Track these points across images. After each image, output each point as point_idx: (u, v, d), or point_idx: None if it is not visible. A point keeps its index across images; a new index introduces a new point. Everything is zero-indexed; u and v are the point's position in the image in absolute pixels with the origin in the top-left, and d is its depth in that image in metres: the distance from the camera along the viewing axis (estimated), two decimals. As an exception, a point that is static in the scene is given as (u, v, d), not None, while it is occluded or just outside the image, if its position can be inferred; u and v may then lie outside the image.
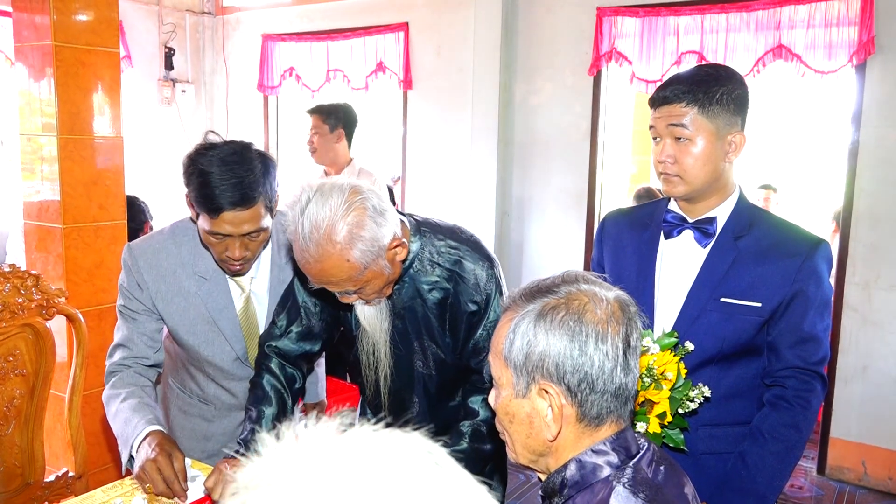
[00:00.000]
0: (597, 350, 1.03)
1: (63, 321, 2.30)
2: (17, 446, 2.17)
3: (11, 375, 2.14)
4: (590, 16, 4.55)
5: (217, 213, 1.70)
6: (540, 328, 1.04)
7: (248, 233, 1.75)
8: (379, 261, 1.53)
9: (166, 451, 1.72)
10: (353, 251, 1.48)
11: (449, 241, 1.71)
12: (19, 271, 2.14)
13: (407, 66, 5.30)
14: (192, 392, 2.09)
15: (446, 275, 1.69)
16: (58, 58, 2.80)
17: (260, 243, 1.83)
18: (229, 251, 1.78)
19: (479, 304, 1.70)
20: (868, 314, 3.92)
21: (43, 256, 2.95)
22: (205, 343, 1.97)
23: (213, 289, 1.94)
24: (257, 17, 6.14)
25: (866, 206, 3.88)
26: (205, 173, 1.69)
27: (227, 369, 2.01)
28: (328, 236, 1.46)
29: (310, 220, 1.47)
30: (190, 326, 1.95)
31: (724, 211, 1.71)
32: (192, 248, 1.94)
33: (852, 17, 3.80)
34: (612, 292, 1.09)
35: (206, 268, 1.94)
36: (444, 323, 1.73)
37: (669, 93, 1.63)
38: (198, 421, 2.09)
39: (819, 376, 1.66)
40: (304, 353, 1.87)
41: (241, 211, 1.71)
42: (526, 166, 4.96)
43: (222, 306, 1.95)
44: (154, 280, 1.92)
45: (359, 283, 1.55)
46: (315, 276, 1.54)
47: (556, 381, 1.04)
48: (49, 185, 2.89)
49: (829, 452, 4.10)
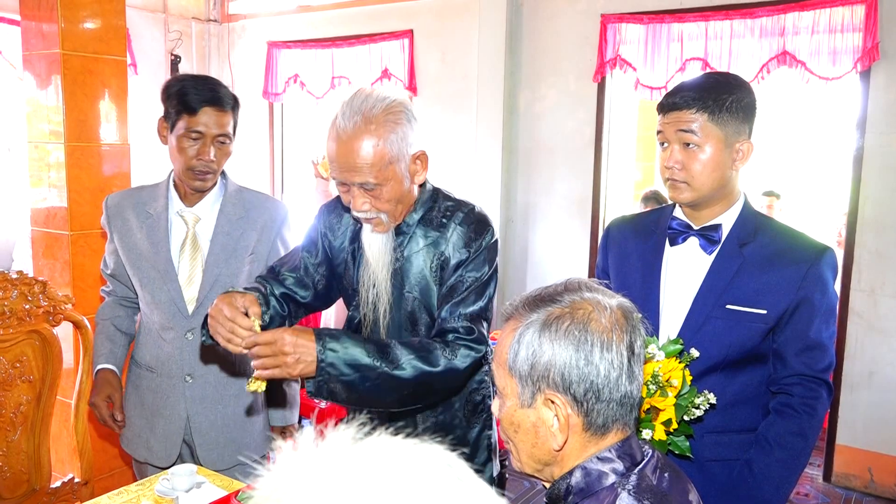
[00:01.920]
0: (602, 359, 1.03)
1: (70, 327, 2.31)
2: (24, 452, 2.17)
3: (18, 381, 2.14)
4: (594, 22, 4.56)
5: (195, 110, 2.00)
6: (545, 338, 1.04)
7: (219, 135, 2.04)
8: (402, 164, 1.63)
9: (104, 391, 2.16)
10: (386, 137, 1.58)
11: (457, 204, 1.78)
12: (26, 278, 2.15)
13: (411, 72, 5.31)
14: (142, 361, 2.21)
15: (448, 234, 1.74)
16: (65, 66, 2.82)
17: (224, 154, 2.09)
18: (201, 153, 2.04)
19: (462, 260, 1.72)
20: (874, 321, 3.91)
21: (50, 263, 2.97)
22: (146, 280, 2.14)
23: (154, 223, 2.15)
24: (263, 25, 6.17)
25: (872, 213, 3.88)
26: (184, 84, 2.04)
27: (166, 315, 2.13)
28: (370, 110, 1.58)
29: (360, 96, 1.61)
30: (136, 260, 2.15)
31: (730, 218, 1.71)
32: (151, 191, 2.21)
33: (856, 24, 3.80)
34: (615, 300, 1.09)
35: (155, 207, 2.17)
36: (438, 280, 1.76)
37: (679, 99, 1.63)
38: (146, 395, 2.18)
39: (825, 383, 1.66)
40: (292, 295, 1.87)
41: (215, 111, 2.02)
42: (530, 173, 4.96)
43: (159, 240, 2.13)
44: (114, 216, 2.20)
45: (379, 178, 1.60)
46: (343, 157, 1.60)
47: (563, 391, 1.03)
48: (56, 192, 2.91)
49: (836, 459, 4.09)
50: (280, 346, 1.53)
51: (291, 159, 6.34)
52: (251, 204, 2.19)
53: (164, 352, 2.14)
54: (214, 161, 2.06)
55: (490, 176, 4.93)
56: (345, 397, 1.60)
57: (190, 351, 2.13)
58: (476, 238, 1.73)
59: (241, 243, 2.14)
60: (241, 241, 2.14)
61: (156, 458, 2.16)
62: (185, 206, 2.16)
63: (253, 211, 2.18)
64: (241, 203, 2.18)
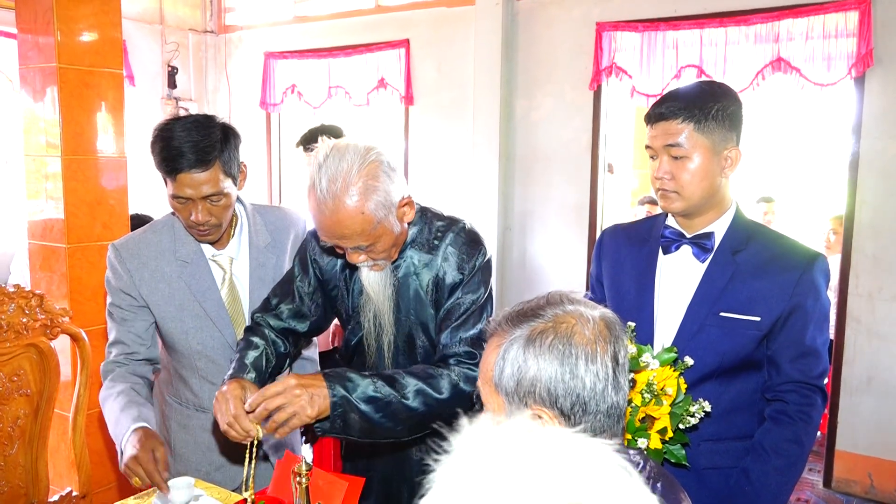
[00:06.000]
0: (587, 371, 1.03)
1: (67, 340, 2.31)
2: (21, 466, 2.17)
3: (16, 395, 2.14)
4: (589, 31, 4.58)
5: (174, 173, 1.81)
6: (530, 353, 1.04)
7: (207, 195, 1.85)
8: (390, 217, 1.59)
9: (147, 446, 1.77)
10: (369, 203, 1.54)
11: (448, 224, 1.77)
12: (23, 291, 2.15)
13: (408, 82, 5.33)
14: (188, 402, 2.10)
15: (440, 256, 1.74)
16: (62, 79, 2.83)
17: (223, 209, 1.90)
18: (193, 215, 1.87)
19: (457, 283, 1.73)
20: (872, 325, 3.92)
21: (47, 276, 2.97)
22: (193, 330, 2.00)
23: (195, 271, 2.00)
24: (259, 35, 6.19)
25: (868, 218, 3.89)
26: (165, 138, 1.82)
27: (219, 360, 2.02)
28: (345, 187, 1.52)
29: (328, 173, 1.53)
30: (176, 313, 1.99)
31: (722, 226, 1.72)
32: (171, 235, 2.02)
33: (850, 30, 3.81)
34: (597, 311, 1.09)
35: (186, 252, 2.01)
36: (434, 304, 1.76)
37: (665, 109, 1.65)
38: (199, 433, 2.10)
39: (820, 390, 1.66)
40: (290, 329, 1.89)
41: (197, 173, 1.81)
42: (527, 181, 4.97)
43: (206, 287, 2.00)
44: (137, 268, 1.99)
45: (370, 239, 1.59)
46: (329, 229, 1.57)
47: (549, 406, 1.04)
48: (53, 204, 2.91)
49: (836, 465, 4.08)
50: (291, 389, 1.55)
51: (289, 169, 6.34)
52: (273, 226, 2.13)
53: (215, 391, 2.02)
54: (211, 218, 1.89)
55: (487, 184, 4.95)
56: (358, 429, 1.62)
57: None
58: (469, 259, 1.73)
59: (277, 271, 2.08)
60: (276, 269, 2.09)
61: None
62: (215, 251, 2.05)
63: (277, 233, 2.13)
64: (265, 227, 2.11)
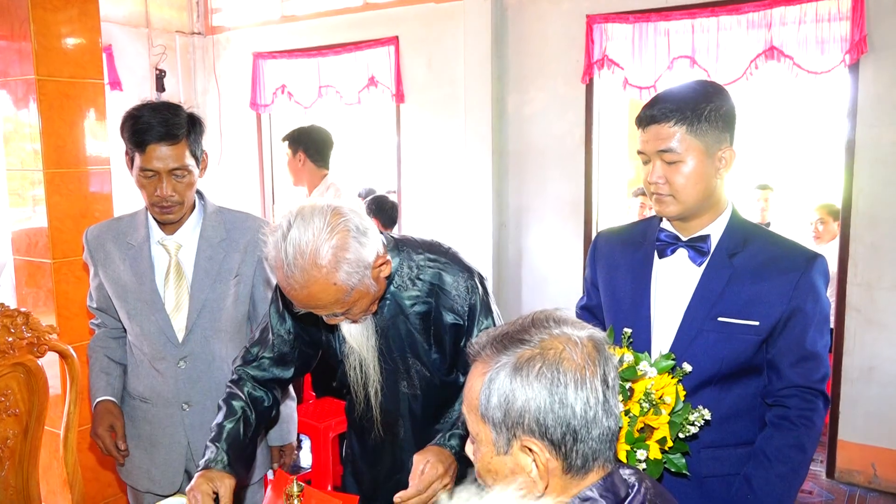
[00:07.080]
0: (577, 398, 0.99)
1: (56, 356, 2.28)
2: (13, 487, 2.14)
3: (4, 416, 2.11)
4: (580, 23, 4.53)
5: (144, 146, 1.94)
6: (517, 383, 1.00)
7: (173, 169, 1.97)
8: (365, 280, 1.52)
9: (106, 421, 2.13)
10: (339, 273, 1.46)
11: (427, 255, 1.70)
12: (8, 310, 2.12)
13: (398, 79, 5.28)
14: (135, 392, 2.18)
15: (427, 289, 1.68)
16: (41, 91, 2.77)
17: (187, 186, 2.02)
18: (158, 190, 1.98)
19: (461, 315, 1.68)
20: (871, 315, 3.89)
21: (33, 292, 2.93)
22: (133, 312, 2.11)
23: (137, 254, 2.12)
24: (247, 36, 6.13)
25: (865, 207, 3.85)
26: (135, 116, 1.96)
27: (156, 345, 2.10)
28: (313, 261, 1.44)
29: (293, 245, 1.45)
30: (121, 292, 2.12)
31: (718, 228, 1.68)
32: (131, 222, 2.17)
33: (843, 16, 3.77)
34: (584, 331, 1.05)
35: (135, 236, 2.13)
36: (430, 338, 1.72)
37: (657, 111, 1.60)
38: (143, 426, 2.16)
39: (821, 394, 1.63)
40: (275, 378, 1.87)
41: (166, 146, 1.94)
42: (522, 176, 4.93)
43: (142, 271, 2.10)
44: (96, 248, 2.16)
45: (346, 305, 1.53)
46: (302, 301, 1.51)
47: (539, 437, 1.00)
48: (37, 219, 2.87)
49: (838, 455, 4.06)
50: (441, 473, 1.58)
51: (280, 170, 6.29)
52: (232, 224, 2.16)
53: (157, 382, 2.12)
54: (175, 195, 2.01)
55: (481, 181, 4.90)
56: None
57: (184, 379, 2.11)
58: (468, 294, 1.68)
59: (224, 266, 2.11)
60: (224, 263, 2.11)
61: (158, 488, 2.15)
62: (165, 235, 2.13)
63: (234, 231, 2.15)
64: (222, 225, 2.15)
